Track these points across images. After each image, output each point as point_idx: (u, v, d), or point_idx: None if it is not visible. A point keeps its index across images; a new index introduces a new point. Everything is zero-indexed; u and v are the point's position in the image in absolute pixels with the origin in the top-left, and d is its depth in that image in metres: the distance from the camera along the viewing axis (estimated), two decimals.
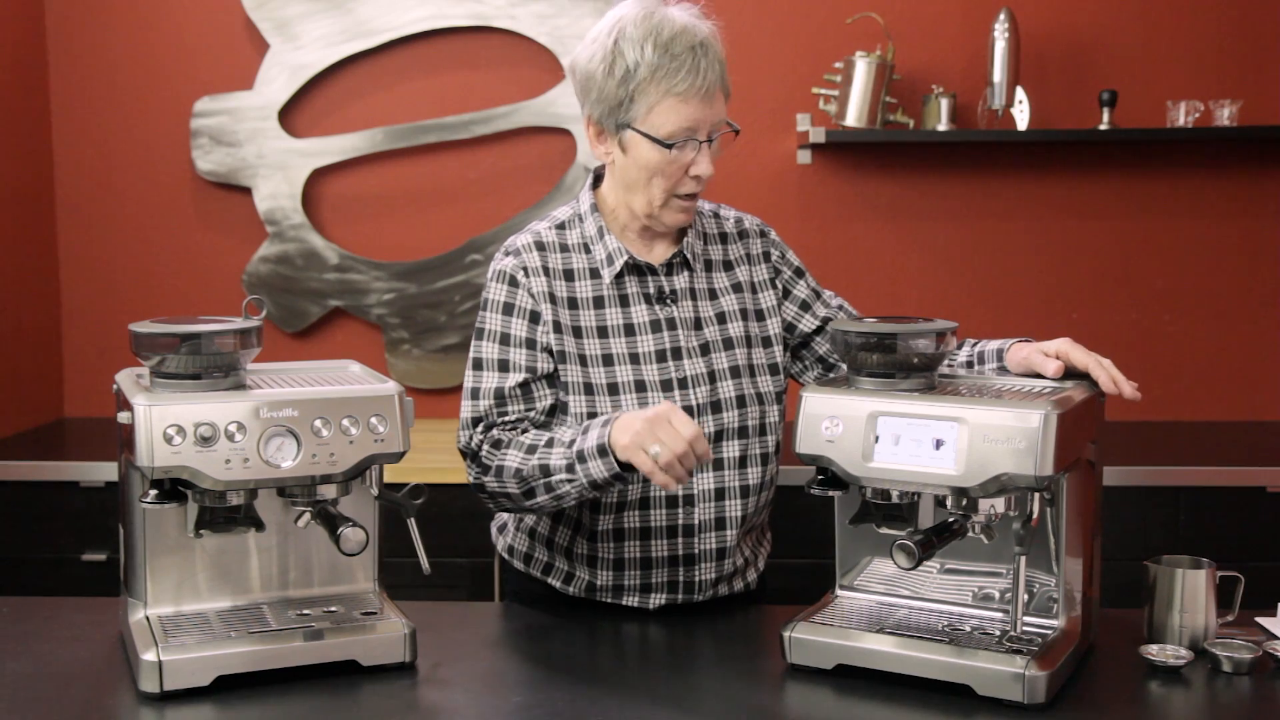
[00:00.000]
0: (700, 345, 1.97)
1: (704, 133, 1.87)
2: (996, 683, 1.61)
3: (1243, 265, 3.64)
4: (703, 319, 1.99)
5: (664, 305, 1.98)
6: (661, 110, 1.85)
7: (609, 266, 1.96)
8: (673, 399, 1.92)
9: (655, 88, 1.84)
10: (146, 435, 1.59)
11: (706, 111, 1.86)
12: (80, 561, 3.11)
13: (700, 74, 1.84)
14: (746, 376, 1.99)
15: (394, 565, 1.93)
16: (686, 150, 1.87)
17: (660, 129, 1.86)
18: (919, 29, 3.57)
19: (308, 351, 3.67)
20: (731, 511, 1.97)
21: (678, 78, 1.83)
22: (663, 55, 1.83)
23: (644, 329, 1.96)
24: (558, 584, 2.02)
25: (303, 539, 1.82)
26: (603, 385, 1.93)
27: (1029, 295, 3.65)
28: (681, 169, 1.88)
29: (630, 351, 1.94)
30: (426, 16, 3.57)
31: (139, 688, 1.64)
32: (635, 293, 1.97)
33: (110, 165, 3.69)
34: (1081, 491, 1.73)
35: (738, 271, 2.05)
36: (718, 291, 2.02)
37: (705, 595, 1.99)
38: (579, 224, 2.00)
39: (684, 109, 1.85)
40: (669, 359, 1.95)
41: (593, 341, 1.94)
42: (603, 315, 1.95)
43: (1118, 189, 3.62)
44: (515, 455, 1.86)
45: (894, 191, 3.64)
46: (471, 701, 1.66)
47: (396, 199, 3.64)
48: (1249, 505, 3.04)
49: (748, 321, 2.03)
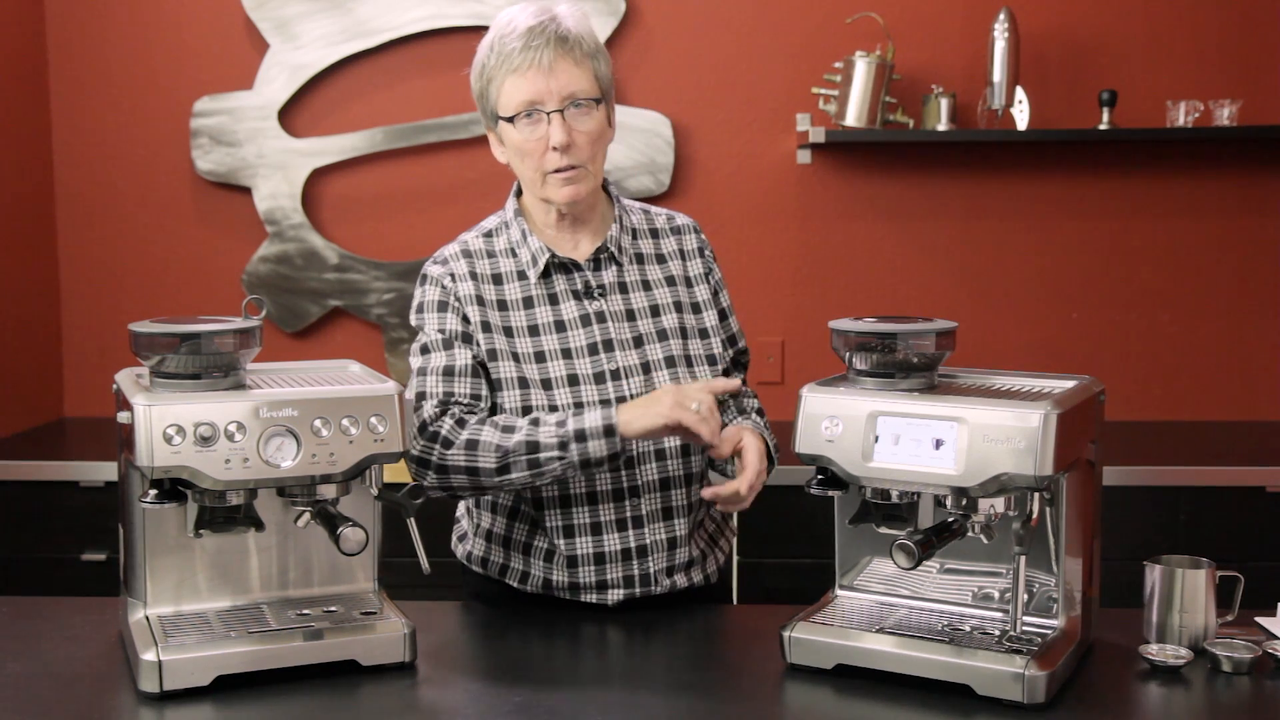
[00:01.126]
0: (634, 337, 2.01)
1: (551, 103, 1.91)
2: (996, 683, 1.61)
3: (1242, 265, 3.64)
4: (635, 310, 2.03)
5: (592, 299, 2.01)
6: (506, 91, 1.94)
7: (534, 267, 2.01)
8: (606, 391, 1.96)
9: (499, 73, 1.94)
10: (146, 435, 1.59)
11: (549, 83, 1.91)
12: (80, 561, 3.11)
13: (534, 49, 1.91)
14: (683, 366, 2.02)
15: (394, 565, 1.94)
16: (537, 124, 1.93)
17: (506, 108, 1.94)
18: (919, 29, 3.57)
19: (308, 351, 3.67)
20: (678, 500, 1.99)
21: (514, 59, 1.92)
22: (502, 43, 1.93)
23: (574, 324, 2.00)
24: (514, 583, 2.04)
25: (303, 539, 1.82)
26: (535, 380, 1.96)
27: (1029, 295, 3.65)
28: (541, 143, 1.93)
29: (562, 347, 1.98)
30: (426, 16, 3.57)
31: (139, 688, 1.64)
32: (563, 290, 2.01)
33: (110, 165, 3.69)
34: (1081, 491, 1.73)
35: (670, 265, 2.09)
36: (651, 284, 2.06)
37: (661, 588, 1.99)
38: (505, 230, 2.05)
39: (522, 83, 1.92)
40: (600, 352, 1.98)
41: (524, 340, 1.98)
42: (533, 315, 1.99)
43: (1117, 189, 3.62)
44: (490, 431, 1.88)
45: (894, 191, 3.64)
46: (471, 701, 1.66)
47: (396, 199, 3.64)
48: (1249, 505, 3.04)
49: (682, 313, 2.05)
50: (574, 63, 1.93)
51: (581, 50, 1.94)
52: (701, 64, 3.61)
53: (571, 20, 1.95)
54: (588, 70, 1.95)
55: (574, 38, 1.94)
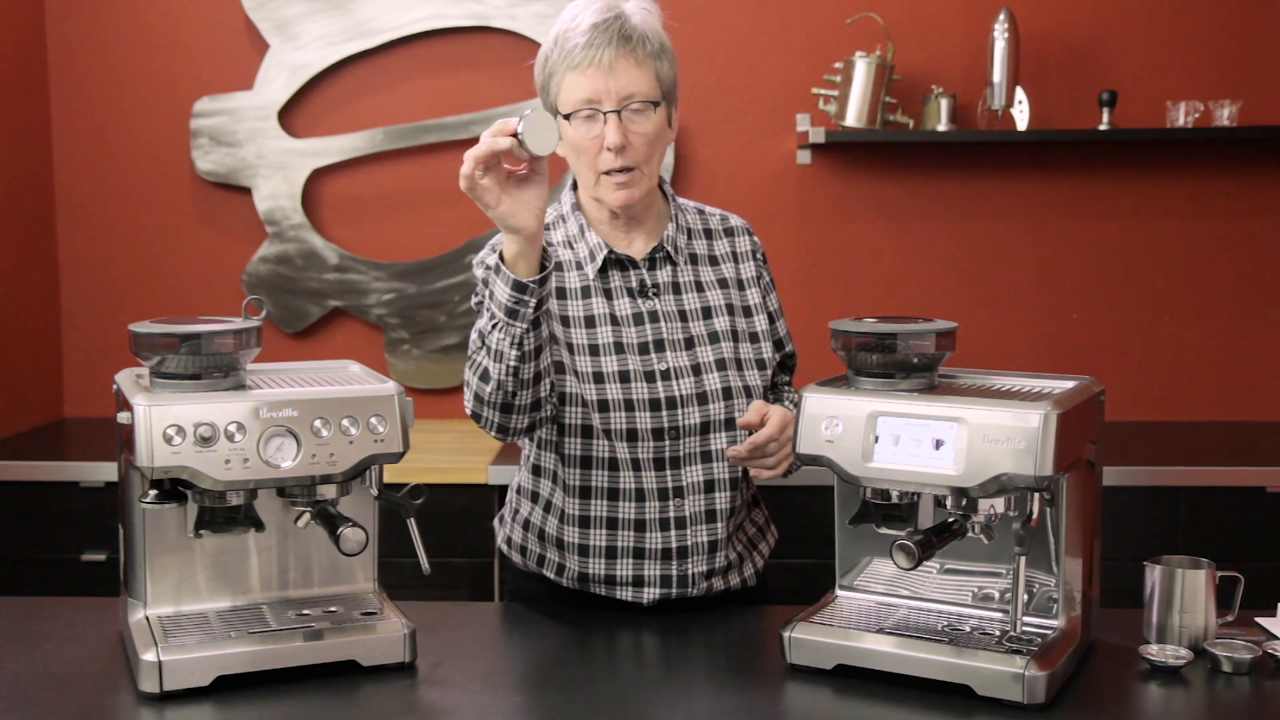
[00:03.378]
0: (685, 339, 2.00)
1: (609, 103, 1.89)
2: (996, 683, 1.61)
3: (1243, 265, 3.64)
4: (687, 312, 2.01)
5: (646, 298, 2.00)
6: (566, 88, 1.91)
7: (591, 262, 1.99)
8: (656, 390, 1.95)
9: (560, 67, 1.92)
10: (146, 435, 1.59)
11: (608, 82, 1.88)
12: (80, 561, 3.11)
13: (596, 47, 1.88)
14: (733, 369, 2.00)
15: (394, 565, 1.94)
16: (593, 123, 1.90)
17: (566, 104, 1.92)
18: (919, 29, 3.57)
19: (308, 351, 3.67)
20: (721, 504, 1.98)
21: (576, 55, 1.89)
22: (566, 38, 1.91)
23: (628, 321, 1.99)
24: (551, 574, 2.03)
25: (303, 539, 1.82)
26: (588, 373, 1.95)
27: (1029, 295, 3.65)
28: (596, 142, 1.91)
29: (615, 341, 1.97)
30: (426, 16, 3.57)
31: (139, 688, 1.64)
32: (619, 286, 2.00)
33: (110, 165, 3.69)
34: (1081, 491, 1.73)
35: (724, 267, 2.07)
36: (704, 285, 2.04)
37: (699, 590, 1.99)
38: (563, 224, 2.04)
39: (581, 81, 1.89)
40: (652, 351, 1.98)
41: (579, 331, 1.97)
42: (589, 305, 1.98)
43: (1118, 189, 3.63)
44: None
45: (894, 191, 3.64)
46: (471, 701, 1.66)
47: (396, 199, 3.65)
48: (1249, 505, 3.04)
49: (734, 317, 2.04)
50: (635, 63, 1.90)
51: (645, 50, 1.92)
52: (701, 64, 3.61)
53: (638, 17, 1.93)
54: (649, 70, 1.92)
55: (638, 36, 1.91)
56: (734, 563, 2.03)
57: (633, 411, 1.94)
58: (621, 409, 1.94)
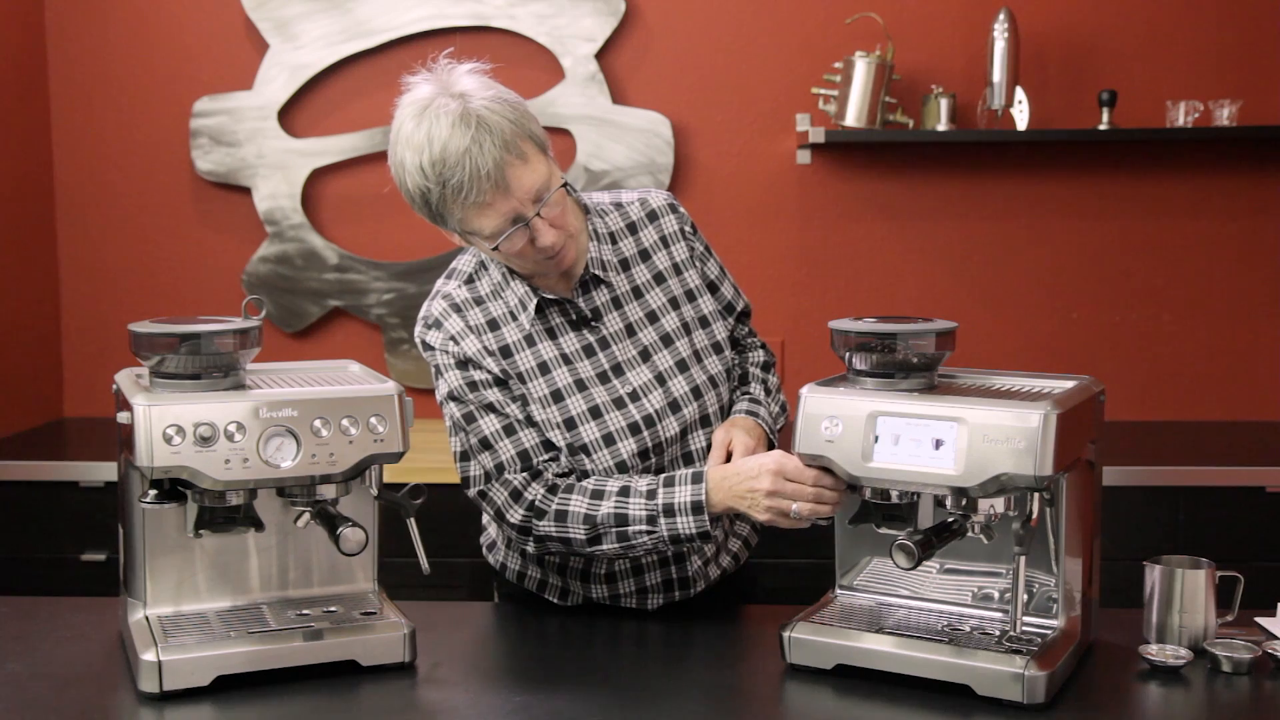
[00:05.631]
0: (639, 352, 1.95)
1: (527, 211, 1.79)
2: (996, 683, 1.61)
3: (1243, 265, 3.64)
4: (634, 324, 1.96)
5: (591, 329, 1.95)
6: (471, 220, 1.81)
7: (524, 311, 1.92)
8: (630, 414, 1.91)
9: (454, 205, 1.80)
10: (146, 435, 1.59)
11: (512, 199, 1.78)
12: (80, 561, 3.11)
13: (483, 176, 1.75)
14: (694, 365, 1.97)
15: (394, 565, 1.94)
16: (517, 236, 1.81)
17: (485, 235, 1.82)
18: (919, 29, 3.57)
19: (307, 351, 3.67)
20: None
21: (464, 192, 1.77)
22: (439, 177, 1.78)
23: (578, 355, 1.93)
24: (554, 599, 2.03)
25: (302, 539, 1.82)
26: (558, 422, 1.90)
27: (1029, 295, 3.65)
28: (530, 246, 1.82)
29: (574, 379, 1.92)
30: (426, 16, 3.57)
31: (139, 688, 1.64)
32: (559, 323, 1.94)
33: (110, 165, 3.69)
34: (1081, 491, 1.73)
35: (656, 258, 2.00)
36: (641, 289, 1.98)
37: (699, 586, 1.99)
38: (484, 273, 1.97)
39: (489, 212, 1.79)
40: (612, 377, 1.93)
41: (537, 382, 1.91)
42: (538, 352, 1.92)
43: (1118, 189, 3.62)
44: (580, 500, 1.85)
45: (894, 191, 3.64)
46: (471, 701, 1.66)
47: (396, 199, 3.58)
48: (1249, 505, 3.04)
49: (679, 309, 1.99)
50: (523, 162, 1.78)
51: (518, 142, 1.78)
52: (701, 64, 3.61)
53: (482, 101, 1.78)
54: (536, 158, 1.80)
55: (507, 135, 1.77)
56: (723, 545, 2.04)
57: (614, 444, 1.91)
58: (602, 446, 1.90)
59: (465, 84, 1.82)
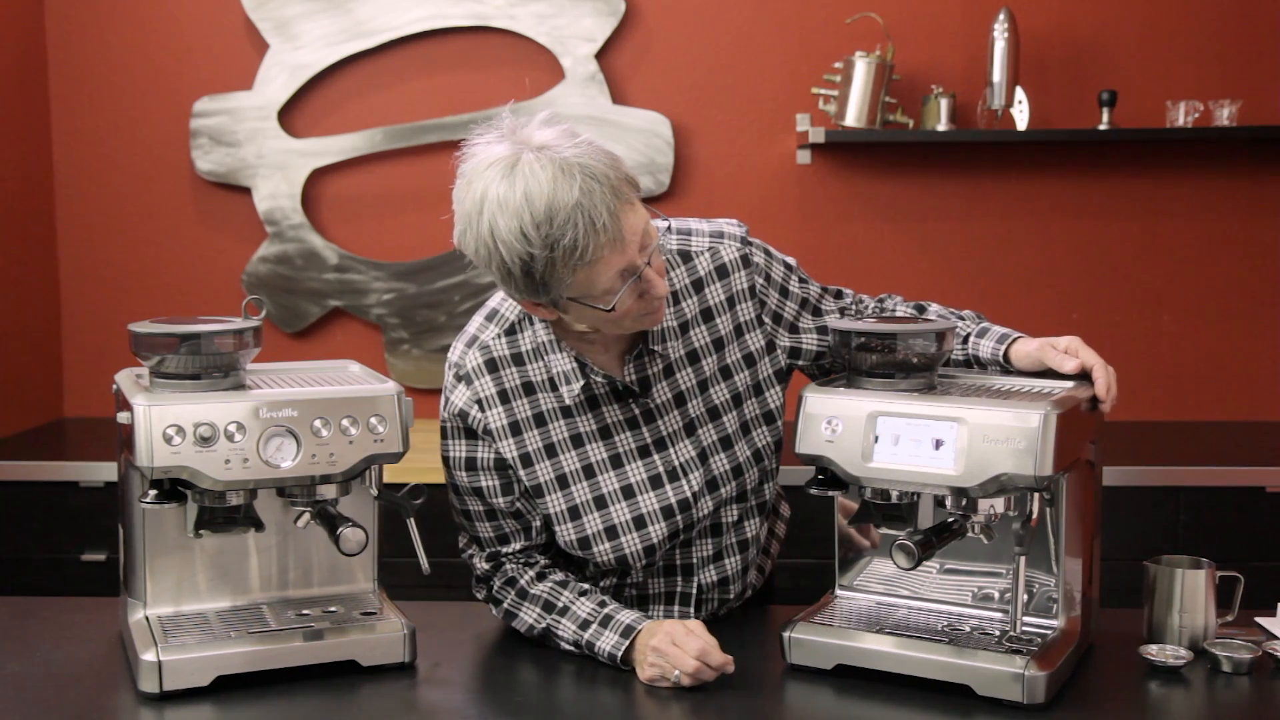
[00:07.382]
0: (685, 425, 1.81)
1: (641, 259, 1.62)
2: (996, 683, 1.61)
3: (1243, 265, 3.64)
4: (684, 392, 1.81)
5: (639, 401, 1.80)
6: (583, 282, 1.61)
7: (565, 384, 1.77)
8: (665, 496, 1.80)
9: (563, 269, 1.59)
10: (146, 435, 1.59)
11: (628, 250, 1.61)
12: (80, 561, 3.11)
13: (598, 230, 1.57)
14: (740, 440, 1.85)
15: (394, 565, 1.94)
16: (630, 291, 1.63)
17: (593, 293, 1.62)
18: (919, 29, 3.57)
19: (307, 351, 3.67)
20: (733, 569, 1.91)
21: (578, 251, 1.57)
22: (545, 239, 1.57)
23: (620, 427, 1.79)
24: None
25: (302, 539, 1.82)
26: (588, 502, 1.79)
27: (1028, 295, 3.65)
28: (641, 301, 1.66)
29: (610, 454, 1.79)
30: (426, 16, 3.57)
31: (139, 688, 1.64)
32: (604, 393, 1.79)
33: (110, 166, 3.69)
34: (1081, 491, 1.73)
35: (719, 322, 1.83)
36: (698, 353, 1.82)
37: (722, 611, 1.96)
38: (529, 326, 1.79)
39: (604, 269, 1.60)
40: (653, 453, 1.81)
41: (569, 456, 1.79)
42: (574, 424, 1.78)
43: (1117, 189, 3.62)
44: (530, 610, 1.82)
45: (893, 191, 3.64)
46: (471, 701, 1.66)
47: (396, 199, 3.64)
48: (1249, 505, 3.04)
49: (733, 376, 1.84)
50: (631, 208, 1.61)
51: (623, 188, 1.61)
52: (701, 64, 3.61)
53: (579, 152, 1.59)
54: (638, 202, 1.64)
55: (613, 180, 1.59)
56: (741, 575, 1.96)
57: (645, 528, 1.80)
58: (631, 530, 1.80)
59: (543, 136, 1.62)
